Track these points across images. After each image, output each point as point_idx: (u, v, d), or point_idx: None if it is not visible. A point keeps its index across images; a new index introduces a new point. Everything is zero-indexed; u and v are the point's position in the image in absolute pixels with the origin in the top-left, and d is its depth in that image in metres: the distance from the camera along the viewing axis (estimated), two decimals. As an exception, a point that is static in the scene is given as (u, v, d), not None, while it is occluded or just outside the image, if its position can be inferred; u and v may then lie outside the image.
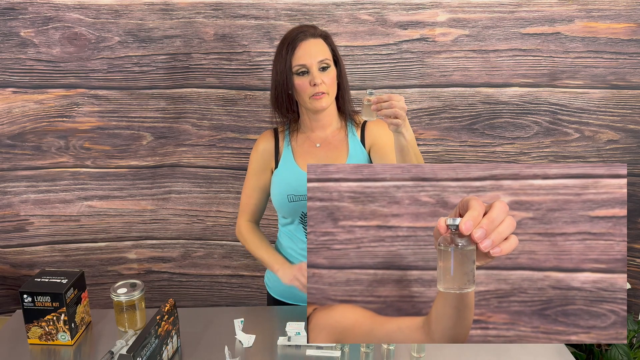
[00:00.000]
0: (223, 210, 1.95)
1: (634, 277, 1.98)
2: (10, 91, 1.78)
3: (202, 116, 1.83)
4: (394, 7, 1.70)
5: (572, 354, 1.64)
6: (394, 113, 1.11)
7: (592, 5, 1.70)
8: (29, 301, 1.20)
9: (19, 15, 1.70)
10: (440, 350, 1.19)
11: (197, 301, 2.09)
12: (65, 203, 1.92)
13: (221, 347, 1.19)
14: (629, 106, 1.80)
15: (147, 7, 1.70)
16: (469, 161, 1.89)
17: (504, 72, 1.77)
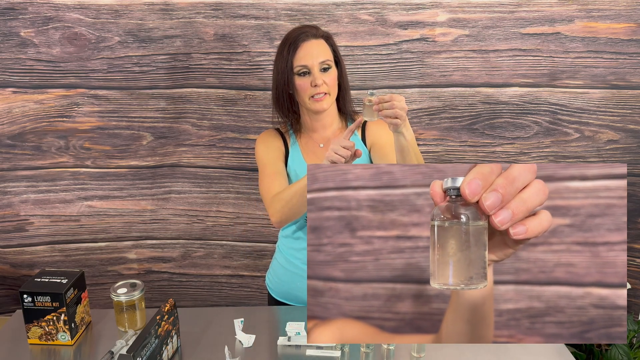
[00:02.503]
0: (223, 210, 1.95)
1: (634, 277, 1.98)
2: (10, 91, 1.78)
3: (202, 116, 1.83)
4: (394, 7, 1.70)
5: (572, 354, 1.64)
6: (395, 113, 1.11)
7: (592, 5, 1.69)
8: (29, 301, 1.20)
9: (19, 15, 1.70)
10: (440, 350, 1.19)
11: (197, 301, 2.09)
12: (65, 203, 1.92)
13: (221, 347, 1.19)
14: (629, 106, 1.80)
15: (147, 7, 1.70)
16: (469, 161, 1.89)
17: (504, 72, 1.77)
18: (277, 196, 1.27)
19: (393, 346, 1.15)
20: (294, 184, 1.24)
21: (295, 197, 1.22)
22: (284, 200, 1.24)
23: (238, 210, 1.95)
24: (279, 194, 1.26)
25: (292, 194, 1.22)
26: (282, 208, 1.25)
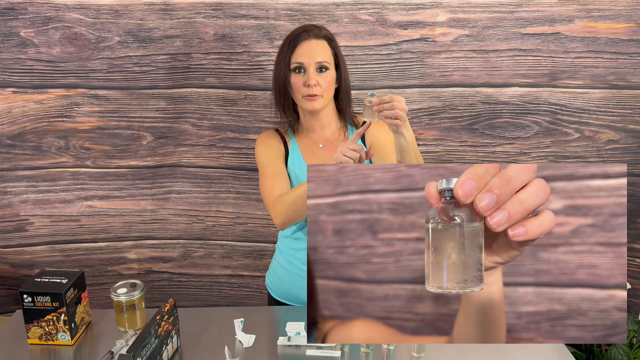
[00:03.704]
0: (223, 210, 1.95)
1: (634, 277, 1.98)
2: (10, 91, 1.78)
3: (202, 116, 1.83)
4: (394, 7, 1.70)
5: (572, 354, 1.64)
6: (395, 114, 1.11)
7: (592, 5, 1.69)
8: (29, 301, 1.20)
9: (19, 15, 1.70)
10: (440, 350, 1.19)
11: (197, 301, 2.09)
12: (65, 203, 1.92)
13: (221, 347, 1.19)
14: (629, 106, 1.80)
15: (147, 7, 1.70)
16: (469, 161, 1.89)
17: (504, 72, 1.77)
18: (280, 198, 1.26)
19: (393, 346, 1.15)
20: (297, 187, 1.23)
21: (300, 199, 1.21)
22: (288, 202, 1.23)
23: (238, 210, 1.95)
24: (282, 197, 1.25)
25: (297, 197, 1.21)
26: (287, 210, 1.24)
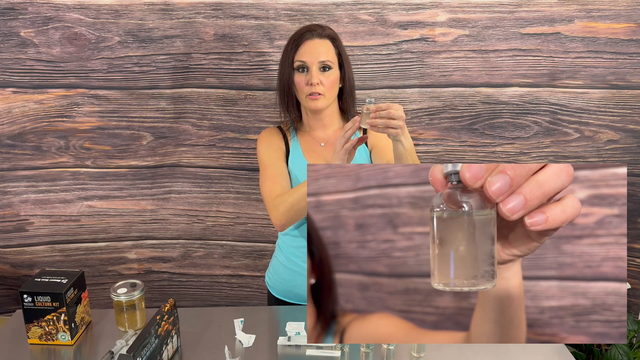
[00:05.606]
0: (223, 210, 1.95)
1: (634, 277, 1.98)
2: (10, 91, 1.78)
3: (202, 116, 1.83)
4: (394, 7, 1.70)
5: (572, 354, 1.64)
6: (389, 123, 1.08)
7: (592, 5, 1.70)
8: (29, 301, 1.20)
9: (19, 15, 1.70)
10: (440, 350, 1.19)
11: (197, 301, 2.09)
12: (65, 203, 1.92)
13: (221, 347, 1.19)
14: (629, 106, 1.80)
15: (147, 7, 1.70)
16: (469, 161, 1.89)
17: (504, 72, 1.77)
18: (280, 199, 1.25)
19: (393, 346, 1.15)
20: (297, 188, 1.23)
21: (300, 200, 1.20)
22: (288, 203, 1.23)
23: (238, 210, 1.95)
24: (281, 197, 1.25)
25: (297, 198, 1.21)
26: (288, 211, 1.23)
